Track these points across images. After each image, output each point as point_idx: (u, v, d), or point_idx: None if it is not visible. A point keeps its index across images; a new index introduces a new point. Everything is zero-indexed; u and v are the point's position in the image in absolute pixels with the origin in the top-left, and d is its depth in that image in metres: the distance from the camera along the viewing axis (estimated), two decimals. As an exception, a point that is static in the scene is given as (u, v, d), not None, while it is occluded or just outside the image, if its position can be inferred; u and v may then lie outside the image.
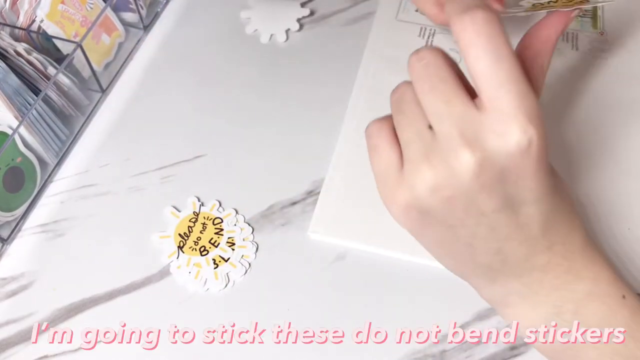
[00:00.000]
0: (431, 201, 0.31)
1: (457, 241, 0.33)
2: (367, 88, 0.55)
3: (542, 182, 0.31)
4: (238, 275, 0.46)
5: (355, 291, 0.45)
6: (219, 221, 0.48)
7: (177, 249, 0.47)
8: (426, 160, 0.31)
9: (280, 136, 0.53)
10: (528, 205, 0.32)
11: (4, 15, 0.53)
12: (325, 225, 0.48)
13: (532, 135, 0.29)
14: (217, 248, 0.47)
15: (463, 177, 0.30)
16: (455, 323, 0.44)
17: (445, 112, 0.30)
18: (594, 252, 0.35)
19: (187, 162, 0.52)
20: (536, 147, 0.30)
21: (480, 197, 0.31)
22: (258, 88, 0.56)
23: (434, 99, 0.31)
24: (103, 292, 0.46)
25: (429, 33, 0.59)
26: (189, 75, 0.58)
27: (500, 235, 0.32)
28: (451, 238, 0.33)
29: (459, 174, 0.30)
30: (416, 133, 0.32)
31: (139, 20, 0.59)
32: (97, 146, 0.53)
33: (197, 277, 0.46)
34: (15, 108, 0.48)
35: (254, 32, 0.60)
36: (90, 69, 0.54)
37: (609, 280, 0.35)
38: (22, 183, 0.49)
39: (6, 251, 0.48)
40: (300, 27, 0.60)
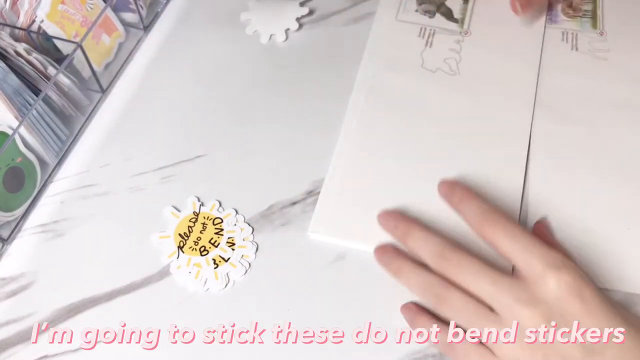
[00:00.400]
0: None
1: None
2: (367, 88, 0.55)
3: (598, 314, 0.36)
4: (238, 275, 0.46)
5: (355, 291, 0.45)
6: (219, 221, 0.48)
7: (177, 249, 0.47)
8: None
9: (280, 136, 0.53)
10: (606, 349, 0.36)
11: (4, 16, 0.54)
12: (325, 225, 0.48)
13: (564, 275, 0.37)
14: (217, 248, 0.47)
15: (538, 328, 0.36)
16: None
17: (495, 291, 0.38)
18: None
19: (187, 162, 0.52)
20: (573, 284, 0.36)
21: (561, 345, 0.36)
22: (258, 88, 0.56)
23: (481, 285, 0.38)
24: (103, 292, 0.46)
25: (428, 33, 0.59)
26: (189, 75, 0.58)
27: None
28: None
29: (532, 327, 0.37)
30: (484, 318, 0.38)
31: (139, 21, 0.59)
32: (97, 146, 0.53)
33: (197, 277, 0.46)
34: (16, 108, 0.48)
35: (254, 33, 0.60)
36: (90, 69, 0.54)
37: None
38: (22, 183, 0.49)
39: (6, 251, 0.48)
40: (300, 27, 0.60)
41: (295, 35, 0.60)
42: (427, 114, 0.53)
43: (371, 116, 0.53)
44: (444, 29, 0.59)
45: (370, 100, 0.54)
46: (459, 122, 0.52)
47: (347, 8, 0.61)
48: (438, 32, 0.59)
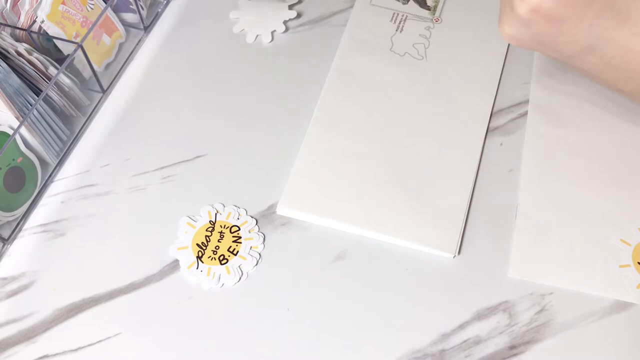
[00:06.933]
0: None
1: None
2: (338, 69, 0.56)
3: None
4: (235, 280, 0.46)
5: (355, 291, 0.45)
6: (236, 229, 0.48)
7: (196, 259, 0.47)
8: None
9: (277, 136, 0.53)
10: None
11: (4, 16, 0.54)
12: (293, 201, 0.49)
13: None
14: (236, 256, 0.47)
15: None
16: (455, 323, 0.44)
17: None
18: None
19: (187, 162, 0.52)
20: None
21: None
22: (250, 87, 0.56)
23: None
24: (103, 292, 0.46)
25: (400, 18, 0.60)
26: (189, 75, 0.58)
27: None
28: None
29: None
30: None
31: (139, 21, 0.59)
32: (98, 146, 0.53)
33: (196, 277, 0.46)
34: (16, 108, 0.48)
35: (241, 32, 0.60)
36: (90, 70, 0.54)
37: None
38: (23, 183, 0.49)
39: (7, 251, 0.48)
40: (286, 29, 0.60)
41: (281, 37, 0.60)
42: (392, 96, 0.55)
43: (339, 96, 0.55)
44: (416, 15, 0.60)
45: (338, 80, 0.56)
46: (422, 105, 0.54)
47: (334, 13, 0.61)
48: (410, 18, 0.60)
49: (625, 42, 0.36)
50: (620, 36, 0.35)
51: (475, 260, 0.47)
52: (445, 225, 0.48)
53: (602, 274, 0.45)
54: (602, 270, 0.45)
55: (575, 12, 0.35)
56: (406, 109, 0.54)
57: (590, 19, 0.35)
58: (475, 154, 0.51)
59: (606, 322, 0.44)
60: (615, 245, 0.46)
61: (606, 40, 0.36)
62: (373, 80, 0.56)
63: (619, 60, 0.37)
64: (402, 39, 0.58)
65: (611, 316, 0.44)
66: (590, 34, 0.36)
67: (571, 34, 0.36)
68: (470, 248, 0.47)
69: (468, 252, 0.47)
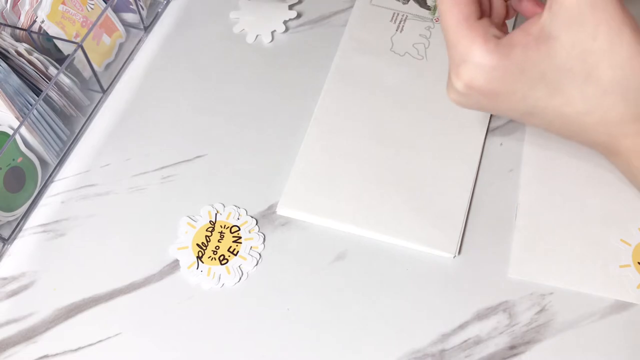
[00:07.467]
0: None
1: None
2: (338, 69, 0.56)
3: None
4: (231, 282, 0.46)
5: (355, 291, 0.45)
6: (237, 229, 0.48)
7: (196, 259, 0.47)
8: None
9: (277, 136, 0.53)
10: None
11: (4, 16, 0.54)
12: (294, 201, 0.49)
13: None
14: (236, 256, 0.47)
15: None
16: (455, 323, 0.44)
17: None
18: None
19: (187, 162, 0.52)
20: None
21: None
22: (250, 87, 0.56)
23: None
24: (103, 292, 0.46)
25: (401, 18, 0.60)
26: (189, 75, 0.58)
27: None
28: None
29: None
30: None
31: (139, 21, 0.59)
32: (98, 146, 0.53)
33: (196, 277, 0.46)
34: (17, 108, 0.48)
35: (241, 32, 0.60)
36: (91, 70, 0.54)
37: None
38: (23, 183, 0.49)
39: (7, 251, 0.48)
40: (286, 29, 0.60)
41: (281, 37, 0.60)
42: (392, 96, 0.55)
43: (339, 96, 0.55)
44: (416, 15, 0.60)
45: (338, 80, 0.56)
46: (422, 105, 0.54)
47: (334, 13, 0.61)
48: (410, 18, 0.60)
49: (559, 110, 0.37)
50: (554, 105, 0.37)
51: (475, 260, 0.47)
52: (445, 225, 0.48)
53: (602, 274, 0.45)
54: (602, 270, 0.46)
55: (506, 87, 0.37)
56: (406, 109, 0.54)
57: (523, 92, 0.37)
58: (475, 154, 0.51)
59: (606, 322, 0.44)
60: (615, 245, 0.46)
61: (541, 108, 0.38)
62: (373, 80, 0.56)
63: (558, 123, 0.39)
64: (402, 39, 0.58)
65: (611, 316, 0.44)
66: (525, 104, 0.38)
67: (507, 103, 0.38)
68: (471, 248, 0.47)
69: (468, 252, 0.47)
